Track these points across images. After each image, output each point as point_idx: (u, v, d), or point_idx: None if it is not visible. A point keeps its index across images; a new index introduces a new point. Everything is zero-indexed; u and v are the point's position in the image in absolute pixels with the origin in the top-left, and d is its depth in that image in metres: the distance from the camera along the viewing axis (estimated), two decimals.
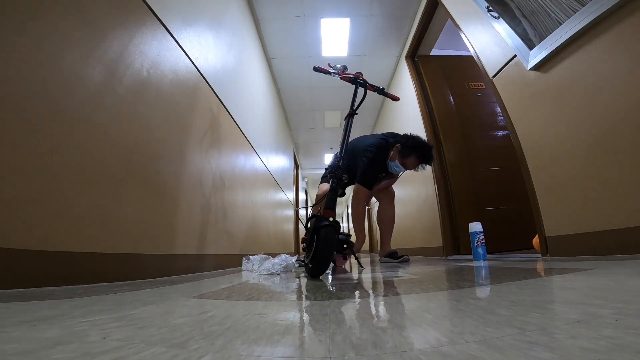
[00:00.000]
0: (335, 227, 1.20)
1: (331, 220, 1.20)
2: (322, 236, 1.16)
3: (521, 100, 1.70)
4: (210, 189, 1.91)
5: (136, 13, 1.27)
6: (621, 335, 0.29)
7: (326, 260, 1.16)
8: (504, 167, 2.69)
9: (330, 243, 1.17)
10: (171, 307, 0.60)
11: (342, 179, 1.38)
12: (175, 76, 1.53)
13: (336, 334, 0.37)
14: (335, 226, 1.20)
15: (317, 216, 1.26)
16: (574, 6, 1.29)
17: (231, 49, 2.47)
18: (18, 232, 0.77)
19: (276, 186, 4.22)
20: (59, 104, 0.90)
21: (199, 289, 0.92)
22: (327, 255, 1.15)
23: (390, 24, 3.47)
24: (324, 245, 1.15)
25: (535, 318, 0.38)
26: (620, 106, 1.16)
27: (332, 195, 1.32)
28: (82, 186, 0.96)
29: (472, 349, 0.28)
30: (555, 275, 0.88)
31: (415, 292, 0.70)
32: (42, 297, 0.69)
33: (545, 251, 1.57)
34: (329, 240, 1.16)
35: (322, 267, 1.16)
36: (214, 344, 0.34)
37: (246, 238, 2.66)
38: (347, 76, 1.64)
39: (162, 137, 1.41)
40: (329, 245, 1.16)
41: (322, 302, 0.62)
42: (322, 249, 1.15)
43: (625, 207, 1.16)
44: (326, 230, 1.17)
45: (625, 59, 1.14)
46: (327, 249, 1.15)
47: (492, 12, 1.80)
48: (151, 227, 1.29)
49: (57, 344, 0.34)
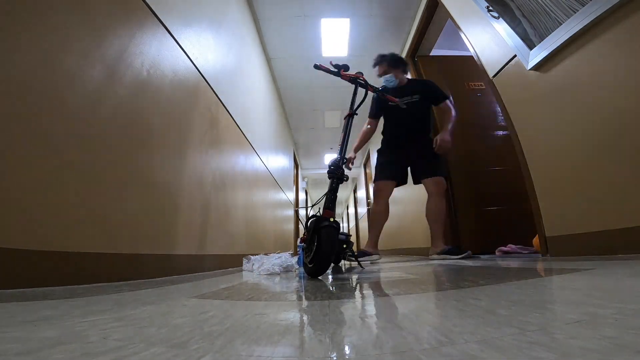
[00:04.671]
0: (335, 227, 1.20)
1: (332, 220, 1.20)
2: (323, 236, 1.16)
3: (521, 100, 1.69)
4: (210, 189, 1.91)
5: (136, 13, 1.27)
6: (621, 335, 0.29)
7: (327, 260, 1.16)
8: (504, 167, 2.68)
9: (332, 243, 1.17)
10: (171, 307, 0.60)
11: (342, 179, 1.39)
12: (175, 76, 1.53)
13: (336, 334, 0.37)
14: (336, 226, 1.21)
15: (317, 216, 1.26)
16: (574, 6, 1.29)
17: (231, 49, 2.47)
18: (18, 232, 0.77)
19: (276, 186, 4.22)
20: (58, 103, 0.90)
21: (199, 289, 0.91)
22: (328, 255, 1.15)
23: (390, 24, 3.47)
24: (325, 246, 1.15)
25: (535, 318, 0.38)
26: (620, 106, 1.16)
27: (331, 196, 1.32)
28: (82, 186, 0.96)
29: (472, 349, 0.28)
30: (555, 275, 0.88)
31: (415, 292, 0.70)
32: (42, 297, 0.69)
33: (545, 251, 1.57)
34: (330, 241, 1.16)
35: (322, 267, 1.17)
36: (214, 344, 0.34)
37: (246, 238, 2.66)
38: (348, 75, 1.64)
39: (162, 137, 1.41)
40: (330, 245, 1.16)
41: (322, 302, 0.62)
42: (324, 250, 1.15)
43: (625, 207, 1.16)
44: (327, 230, 1.17)
45: (625, 58, 1.13)
46: (328, 250, 1.15)
47: (492, 12, 1.80)
48: (151, 227, 1.29)
49: (57, 344, 0.34)
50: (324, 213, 1.28)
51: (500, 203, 2.64)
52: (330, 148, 7.31)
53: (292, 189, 6.17)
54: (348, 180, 1.46)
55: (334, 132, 6.21)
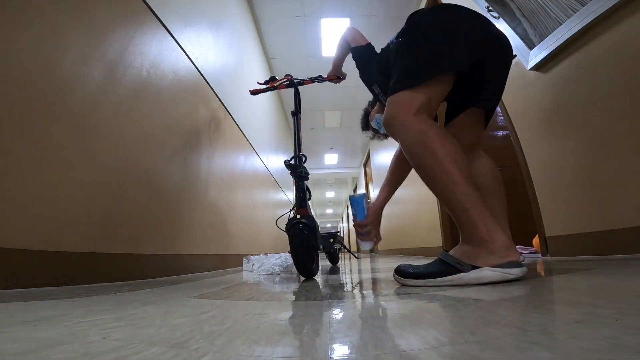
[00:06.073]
0: (305, 224, 1.16)
1: (299, 217, 1.17)
2: (291, 236, 1.14)
3: (521, 100, 1.70)
4: (210, 189, 1.91)
5: (136, 13, 1.27)
6: (621, 335, 0.29)
7: (301, 259, 1.12)
8: (504, 167, 2.68)
9: (300, 242, 1.13)
10: (171, 307, 0.60)
11: (303, 175, 1.37)
12: (175, 76, 1.53)
13: (336, 334, 0.37)
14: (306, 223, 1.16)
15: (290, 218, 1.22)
16: (574, 6, 1.29)
17: (231, 49, 2.47)
18: (18, 232, 0.77)
19: (276, 186, 4.22)
20: (59, 103, 0.90)
21: (199, 289, 0.91)
22: (301, 254, 1.12)
23: (390, 24, 3.47)
24: (295, 246, 1.12)
25: (535, 318, 0.38)
26: (620, 106, 1.16)
27: (300, 194, 1.31)
28: (82, 186, 0.96)
29: (472, 349, 0.28)
30: (555, 275, 0.88)
31: (415, 291, 0.70)
32: (42, 297, 0.68)
33: (545, 251, 1.57)
34: (298, 240, 1.13)
35: (302, 266, 1.13)
36: (214, 344, 0.34)
37: (246, 238, 2.66)
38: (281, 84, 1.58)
39: (162, 137, 1.41)
40: (299, 244, 1.13)
41: (322, 302, 0.62)
42: (295, 249, 1.12)
43: (625, 207, 1.16)
44: (294, 229, 1.14)
45: (625, 58, 1.13)
46: (298, 249, 1.12)
47: (492, 12, 1.80)
48: (151, 227, 1.29)
49: (57, 344, 0.34)
50: (296, 212, 1.25)
51: None
52: (330, 148, 7.32)
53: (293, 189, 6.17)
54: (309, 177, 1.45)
55: (334, 132, 6.22)
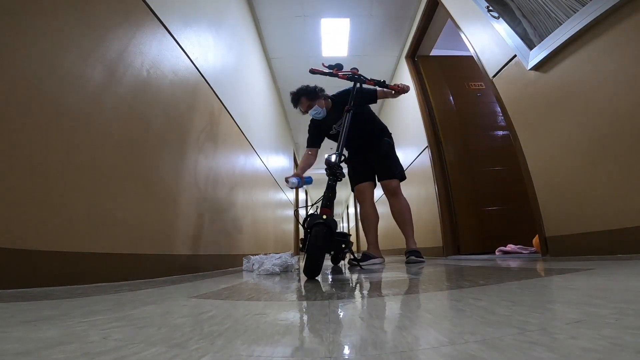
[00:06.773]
0: (328, 225, 1.16)
1: (325, 217, 1.17)
2: (312, 235, 1.13)
3: (521, 100, 1.69)
4: (210, 189, 1.91)
5: (136, 13, 1.26)
6: (621, 335, 0.29)
7: (316, 259, 1.12)
8: (504, 167, 2.69)
9: (320, 242, 1.12)
10: (171, 307, 0.60)
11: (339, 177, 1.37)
12: (175, 76, 1.53)
13: (336, 334, 0.37)
14: (329, 224, 1.16)
15: (313, 215, 1.23)
16: (574, 6, 1.29)
17: (231, 49, 2.47)
18: (18, 232, 0.77)
19: (276, 186, 4.22)
20: (58, 104, 0.89)
21: (199, 289, 0.91)
22: (317, 254, 1.12)
23: (390, 24, 3.47)
24: (314, 244, 1.12)
25: (535, 318, 0.38)
26: (620, 106, 1.16)
27: (329, 194, 1.30)
28: (83, 186, 0.96)
29: (472, 349, 0.28)
30: (555, 275, 0.88)
31: (415, 292, 0.70)
32: (42, 297, 0.68)
33: (545, 251, 1.57)
34: (319, 239, 1.13)
35: (313, 266, 1.12)
36: (214, 344, 0.34)
37: (246, 238, 2.66)
38: (344, 74, 1.62)
39: (162, 137, 1.41)
40: (319, 244, 1.12)
41: (322, 302, 0.62)
42: (312, 248, 1.11)
43: (625, 207, 1.16)
44: (317, 228, 1.14)
45: (625, 59, 1.13)
46: (316, 248, 1.11)
47: (492, 12, 1.80)
48: (151, 227, 1.29)
49: (57, 344, 0.34)
50: (320, 211, 1.26)
51: (500, 203, 2.64)
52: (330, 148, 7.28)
53: (293, 189, 6.17)
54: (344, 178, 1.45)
55: None
